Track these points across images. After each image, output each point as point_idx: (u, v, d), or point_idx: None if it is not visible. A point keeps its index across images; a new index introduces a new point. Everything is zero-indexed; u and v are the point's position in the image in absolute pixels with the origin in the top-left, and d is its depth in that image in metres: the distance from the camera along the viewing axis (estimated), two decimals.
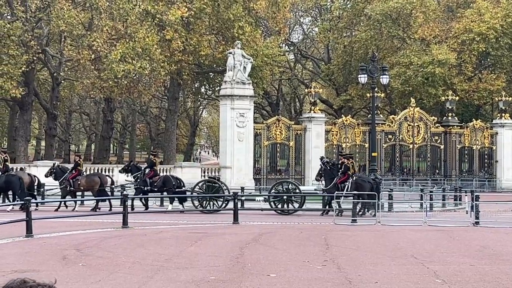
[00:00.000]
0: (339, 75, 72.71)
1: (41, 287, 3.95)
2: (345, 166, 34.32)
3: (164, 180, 35.68)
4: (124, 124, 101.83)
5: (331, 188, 33.82)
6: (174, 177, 36.77)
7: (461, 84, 63.89)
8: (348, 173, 33.91)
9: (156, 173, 36.29)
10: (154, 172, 36.10)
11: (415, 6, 62.80)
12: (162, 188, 35.39)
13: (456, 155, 58.69)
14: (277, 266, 15.67)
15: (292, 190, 35.55)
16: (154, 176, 35.83)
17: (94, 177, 36.33)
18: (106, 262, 16.19)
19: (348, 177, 33.77)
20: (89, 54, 50.38)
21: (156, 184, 35.44)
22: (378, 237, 22.84)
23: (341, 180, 33.79)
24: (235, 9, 54.70)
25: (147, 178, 35.53)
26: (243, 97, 49.90)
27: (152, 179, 35.57)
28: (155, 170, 36.28)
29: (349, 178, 33.74)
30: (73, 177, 35.52)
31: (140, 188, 35.45)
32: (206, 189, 35.46)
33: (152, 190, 35.55)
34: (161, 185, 35.39)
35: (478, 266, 16.14)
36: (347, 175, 33.84)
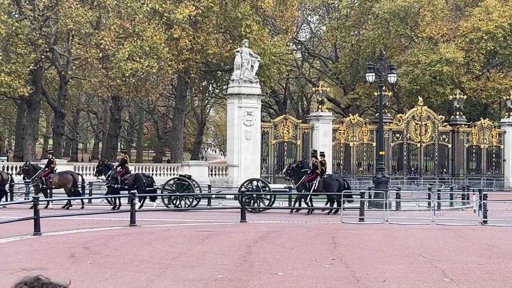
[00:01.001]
0: (346, 73, 72.63)
1: (53, 285, 3.95)
2: (313, 165, 34.76)
3: (135, 178, 35.47)
4: (132, 122, 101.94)
5: (299, 187, 34.09)
6: (145, 175, 36.68)
7: (469, 82, 63.73)
8: (316, 171, 34.02)
9: (127, 171, 36.05)
10: (125, 170, 35.90)
11: (423, 5, 62.66)
12: (133, 186, 35.14)
13: (463, 154, 58.58)
14: (284, 265, 15.66)
15: (261, 188, 35.45)
16: (125, 174, 35.67)
17: (66, 175, 36.35)
18: (114, 260, 16.21)
19: (316, 175, 33.85)
20: (97, 52, 50.42)
21: (127, 182, 35.29)
22: (386, 235, 22.81)
23: (308, 178, 34.03)
24: (243, 8, 54.68)
25: (118, 176, 35.41)
26: (251, 95, 49.88)
27: (123, 177, 35.46)
28: (126, 168, 36.07)
29: (317, 177, 33.82)
30: (46, 174, 35.62)
31: (112, 186, 35.43)
32: (177, 187, 35.35)
33: (123, 188, 35.40)
34: (132, 183, 35.17)
35: (486, 265, 16.10)
36: (315, 173, 33.96)
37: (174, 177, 38.55)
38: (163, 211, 33.06)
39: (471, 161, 60.53)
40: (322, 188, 33.65)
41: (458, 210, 37.05)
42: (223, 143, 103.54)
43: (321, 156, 35.58)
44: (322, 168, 34.59)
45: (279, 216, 31.28)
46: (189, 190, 34.71)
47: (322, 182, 33.75)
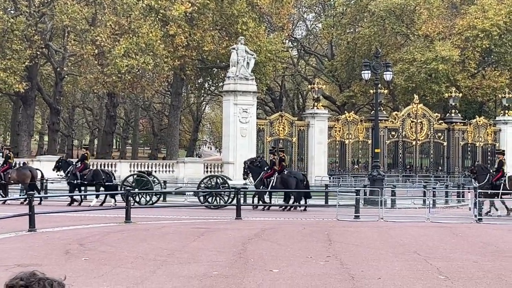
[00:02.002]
0: (342, 71, 72.65)
1: (49, 281, 3.95)
2: (271, 161, 34.96)
3: (93, 174, 35.25)
4: (127, 119, 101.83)
5: (257, 184, 34.25)
6: (104, 171, 36.51)
7: (465, 80, 63.77)
8: (274, 168, 34.13)
9: (86, 166, 35.84)
10: (84, 165, 35.70)
11: (419, 3, 62.69)
12: (92, 181, 35.09)
13: (459, 152, 58.63)
14: (279, 262, 15.67)
15: (220, 184, 35.38)
16: (84, 169, 35.54)
17: (25, 170, 36.25)
18: (109, 257, 16.21)
19: (274, 172, 33.95)
20: (93, 49, 50.36)
21: (86, 177, 35.13)
22: (381, 233, 22.84)
23: (266, 175, 34.16)
24: (239, 5, 54.66)
25: (77, 172, 35.25)
26: (246, 92, 49.88)
27: (82, 173, 35.35)
28: (85, 164, 35.86)
29: (274, 173, 33.93)
30: (4, 170, 35.53)
31: (71, 182, 35.33)
32: (136, 183, 35.20)
33: (82, 184, 35.32)
34: (91, 179, 35.05)
35: (481, 263, 16.13)
36: (272, 170, 34.07)
37: (133, 174, 38.20)
38: (158, 208, 33.05)
39: (467, 159, 60.53)
40: (280, 185, 33.76)
41: (453, 207, 37.11)
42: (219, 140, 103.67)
43: (281, 153, 35.66)
44: (282, 164, 34.67)
45: (275, 214, 31.30)
46: (148, 187, 34.49)
47: (279, 179, 33.93)
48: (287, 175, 34.72)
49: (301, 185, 34.10)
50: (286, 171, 35.08)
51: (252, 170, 35.12)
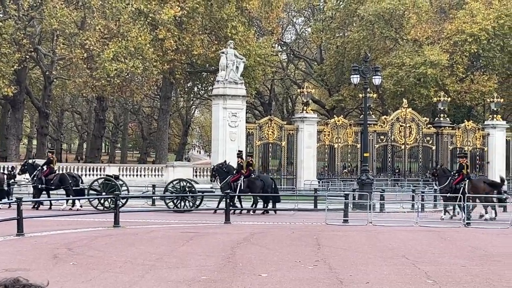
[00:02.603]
0: (331, 75, 72.75)
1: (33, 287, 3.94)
2: (238, 165, 35.16)
3: (60, 178, 35.24)
4: (116, 123, 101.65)
5: (224, 187, 34.39)
6: (71, 175, 36.29)
7: (453, 85, 63.95)
8: (241, 172, 34.36)
9: (52, 170, 35.76)
10: (50, 169, 35.62)
11: (407, 7, 62.86)
12: (59, 186, 35.07)
13: (447, 156, 58.74)
14: (268, 266, 15.68)
15: (187, 188, 35.25)
16: (50, 173, 35.43)
17: None
18: (97, 261, 16.18)
19: (241, 176, 34.19)
20: (82, 52, 50.25)
21: (52, 182, 35.09)
22: (369, 237, 22.88)
23: (233, 179, 34.41)
24: (228, 9, 54.67)
25: (43, 176, 35.16)
26: (236, 96, 49.87)
27: (47, 177, 35.24)
28: (51, 168, 35.78)
29: (241, 177, 34.15)
30: None
31: (36, 186, 35.21)
32: (103, 187, 35.09)
33: (48, 188, 35.23)
34: (58, 183, 35.04)
35: (469, 267, 16.18)
36: (239, 174, 34.35)
37: (100, 177, 38.04)
38: (146, 212, 32.99)
39: (455, 163, 60.57)
40: (246, 188, 33.85)
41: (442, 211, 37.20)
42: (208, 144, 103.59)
43: (249, 157, 35.74)
44: (249, 169, 34.73)
45: (264, 218, 31.32)
46: (115, 191, 34.44)
47: (246, 182, 34.10)
48: (254, 178, 34.88)
49: (269, 189, 34.13)
50: (253, 175, 35.23)
51: (220, 173, 35.28)
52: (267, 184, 34.48)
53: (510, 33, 64.06)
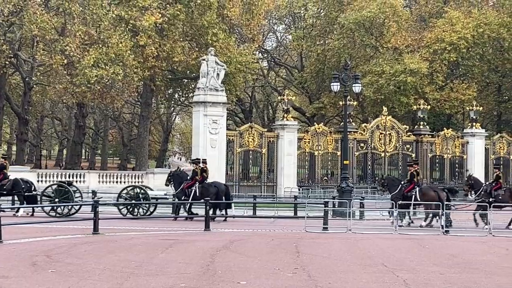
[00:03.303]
0: (312, 83, 72.90)
1: None
2: (193, 171, 35.21)
3: (13, 184, 34.97)
4: (97, 129, 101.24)
5: (179, 193, 34.59)
6: (24, 180, 35.91)
7: (433, 93, 64.30)
8: (195, 178, 34.42)
9: (5, 176, 35.42)
10: (3, 175, 35.36)
11: (388, 16, 63.15)
12: (11, 191, 34.82)
13: (427, 163, 59.04)
14: (247, 274, 15.69)
15: (140, 194, 35.00)
16: (3, 179, 35.23)
17: None
18: (76, 269, 16.11)
19: (195, 182, 34.30)
20: (62, 59, 50.04)
21: (5, 187, 34.85)
22: (349, 245, 22.94)
23: (188, 185, 34.49)
24: (209, 16, 54.66)
25: None
26: (216, 103, 49.91)
27: (1, 182, 35.06)
28: (4, 174, 35.48)
29: (195, 183, 34.26)
30: None
31: None
32: (56, 193, 34.77)
33: (1, 194, 35.02)
34: (10, 189, 34.80)
35: (447, 275, 16.27)
36: (194, 180, 34.42)
37: (53, 184, 37.60)
38: (127, 219, 32.87)
39: (435, 171, 61.02)
40: (201, 194, 33.90)
41: (421, 219, 37.30)
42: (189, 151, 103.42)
43: (203, 163, 35.79)
44: (203, 175, 34.82)
45: (244, 225, 31.30)
46: (68, 197, 34.25)
47: (200, 188, 34.17)
48: (208, 184, 34.91)
49: (222, 196, 34.17)
50: (207, 181, 35.29)
51: (175, 179, 35.24)
52: (221, 190, 34.53)
53: (489, 42, 64.64)
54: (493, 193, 33.12)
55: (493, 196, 32.94)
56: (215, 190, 34.36)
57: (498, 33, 62.97)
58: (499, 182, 33.87)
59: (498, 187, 33.58)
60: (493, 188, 33.43)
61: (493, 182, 34.24)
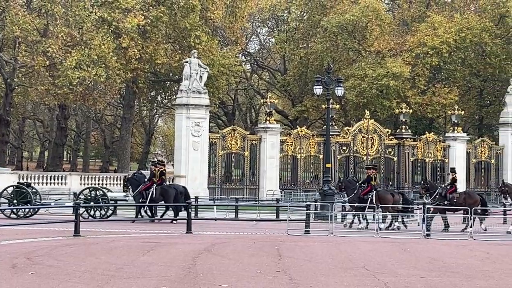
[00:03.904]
0: (294, 86, 73.00)
1: None
2: (151, 173, 35.21)
3: None
4: (79, 131, 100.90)
5: (136, 196, 34.53)
6: None
7: (415, 97, 64.54)
8: (153, 180, 34.43)
9: None
10: None
11: (370, 19, 63.31)
12: None
13: (409, 167, 59.24)
14: (229, 277, 15.67)
15: (100, 196, 34.96)
16: None
17: None
18: (56, 271, 16.03)
19: (153, 184, 34.29)
20: (44, 60, 49.86)
21: None
22: (330, 248, 22.96)
23: (145, 187, 34.43)
24: (192, 18, 54.61)
25: None
26: (199, 106, 49.89)
27: None
28: None
29: (153, 185, 34.24)
30: None
31: None
32: (14, 195, 34.51)
33: None
34: None
35: (428, 278, 16.31)
36: (151, 182, 34.41)
37: (11, 185, 37.22)
38: (108, 222, 32.75)
39: (416, 174, 61.22)
40: (159, 196, 33.92)
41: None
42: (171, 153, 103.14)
43: (161, 165, 35.79)
44: (162, 178, 34.83)
45: (225, 228, 31.26)
46: (27, 198, 34.05)
47: (159, 190, 34.18)
48: (167, 186, 34.95)
49: (181, 197, 34.13)
50: (165, 183, 35.28)
51: (132, 182, 35.16)
52: (179, 192, 34.48)
53: (471, 47, 65.00)
54: (448, 196, 33.56)
55: (448, 199, 33.36)
56: (173, 192, 34.26)
57: (480, 37, 63.34)
58: (454, 185, 34.42)
59: (453, 190, 34.07)
60: (448, 191, 33.86)
61: (448, 185, 34.71)
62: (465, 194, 34.65)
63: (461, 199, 33.33)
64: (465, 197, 33.73)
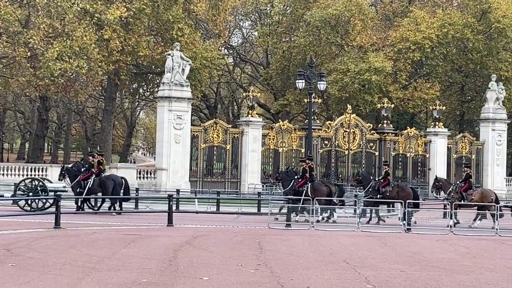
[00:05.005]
0: (277, 79, 72.96)
1: None
2: (89, 163, 35.28)
3: None
4: (60, 123, 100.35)
5: (74, 186, 34.44)
6: None
7: (396, 92, 64.69)
8: (91, 170, 34.42)
9: None
10: None
11: (353, 14, 63.36)
12: None
13: (390, 162, 59.39)
14: (210, 269, 15.67)
15: (39, 187, 34.54)
16: None
17: None
18: (36, 263, 15.97)
19: (91, 174, 34.23)
20: (25, 51, 49.52)
21: None
22: (311, 242, 23.01)
23: (83, 177, 34.32)
24: (175, 11, 54.40)
25: None
26: (181, 99, 49.80)
27: None
28: None
29: (91, 176, 34.18)
30: None
31: None
32: None
33: None
34: None
35: (408, 272, 16.39)
36: (90, 172, 34.38)
37: None
38: (89, 214, 32.64)
39: (398, 169, 61.47)
40: (98, 187, 33.89)
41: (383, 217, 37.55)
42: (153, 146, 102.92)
43: (100, 156, 35.70)
44: (100, 167, 34.76)
45: (207, 221, 31.24)
46: None
47: (97, 181, 34.13)
48: (105, 177, 34.81)
49: (119, 189, 34.05)
50: (104, 174, 35.21)
51: (70, 172, 35.00)
52: (118, 183, 34.39)
53: (453, 42, 65.22)
54: (381, 190, 33.94)
55: (381, 193, 33.74)
56: (111, 183, 34.14)
57: (462, 33, 63.56)
58: (387, 179, 34.86)
59: (386, 183, 34.48)
60: (381, 185, 34.20)
61: (382, 179, 35.00)
62: (398, 188, 35.06)
63: (394, 193, 33.77)
64: (398, 191, 34.18)
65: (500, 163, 63.82)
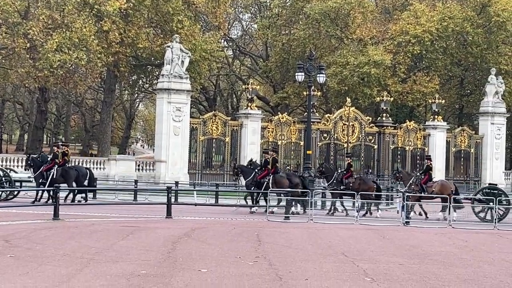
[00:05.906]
0: (276, 72, 72.90)
1: None
2: (54, 154, 34.82)
3: None
4: (59, 114, 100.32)
5: (37, 176, 34.04)
6: None
7: (396, 85, 64.66)
8: (55, 161, 34.10)
9: None
10: None
11: (353, 7, 63.27)
12: None
13: (389, 155, 59.45)
14: (208, 261, 15.69)
15: (3, 177, 34.53)
16: None
17: None
18: (35, 254, 15.99)
19: (54, 165, 33.91)
20: (25, 42, 49.49)
21: None
22: (310, 234, 23.04)
23: (46, 168, 33.93)
24: (175, 3, 54.37)
25: None
26: (180, 91, 49.80)
27: None
28: None
29: (54, 166, 33.80)
30: None
31: None
32: None
33: None
34: None
35: (406, 265, 16.41)
36: (53, 163, 34.07)
37: None
38: (88, 205, 32.63)
39: (396, 162, 61.38)
40: (60, 177, 33.65)
41: (382, 210, 37.56)
42: (152, 138, 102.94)
43: (65, 147, 35.56)
44: (65, 158, 34.48)
45: (205, 213, 31.26)
46: None
47: (60, 171, 33.82)
48: (68, 168, 34.56)
49: (83, 179, 33.91)
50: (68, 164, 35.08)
51: (35, 162, 34.56)
52: (82, 174, 34.20)
53: (453, 36, 65.15)
54: (344, 181, 34.17)
55: (344, 184, 33.92)
56: (75, 173, 33.84)
57: (462, 27, 63.50)
58: (350, 171, 35.29)
59: (349, 175, 34.84)
60: (344, 176, 34.49)
61: (344, 171, 35.25)
62: (360, 180, 35.43)
63: (356, 185, 33.93)
64: (360, 183, 34.48)
65: (499, 156, 63.87)
